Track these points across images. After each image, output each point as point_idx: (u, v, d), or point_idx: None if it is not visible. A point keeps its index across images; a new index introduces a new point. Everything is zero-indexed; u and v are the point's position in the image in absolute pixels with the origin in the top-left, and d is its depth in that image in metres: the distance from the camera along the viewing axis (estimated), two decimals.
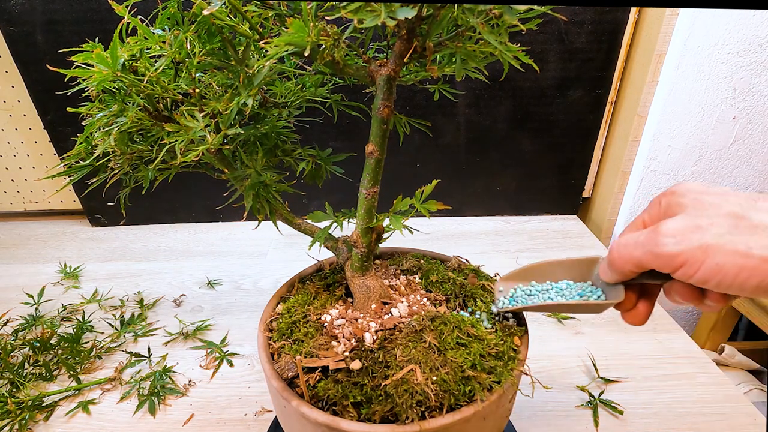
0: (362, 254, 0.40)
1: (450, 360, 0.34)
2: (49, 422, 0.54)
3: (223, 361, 0.63)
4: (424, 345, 0.35)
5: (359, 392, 0.33)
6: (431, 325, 0.38)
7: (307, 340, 0.38)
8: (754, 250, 0.24)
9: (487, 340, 0.37)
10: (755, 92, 0.82)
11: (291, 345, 0.38)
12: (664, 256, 0.26)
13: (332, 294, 0.44)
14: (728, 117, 0.85)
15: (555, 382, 0.59)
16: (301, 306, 0.42)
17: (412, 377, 0.33)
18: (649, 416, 0.54)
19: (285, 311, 0.42)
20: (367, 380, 0.33)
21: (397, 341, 0.36)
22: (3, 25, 0.78)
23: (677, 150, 0.88)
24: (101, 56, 0.28)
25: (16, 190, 1.02)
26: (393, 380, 0.33)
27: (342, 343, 0.37)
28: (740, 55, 0.79)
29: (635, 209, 0.94)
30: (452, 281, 0.44)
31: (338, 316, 0.41)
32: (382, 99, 0.33)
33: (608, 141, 0.95)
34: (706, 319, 0.98)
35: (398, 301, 0.42)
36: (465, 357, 0.35)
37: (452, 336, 0.36)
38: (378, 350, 0.36)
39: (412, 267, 0.47)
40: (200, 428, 0.53)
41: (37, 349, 0.62)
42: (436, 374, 0.33)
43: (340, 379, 0.34)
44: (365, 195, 0.37)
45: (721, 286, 0.26)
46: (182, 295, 0.77)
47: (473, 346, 0.36)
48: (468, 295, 0.43)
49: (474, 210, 1.02)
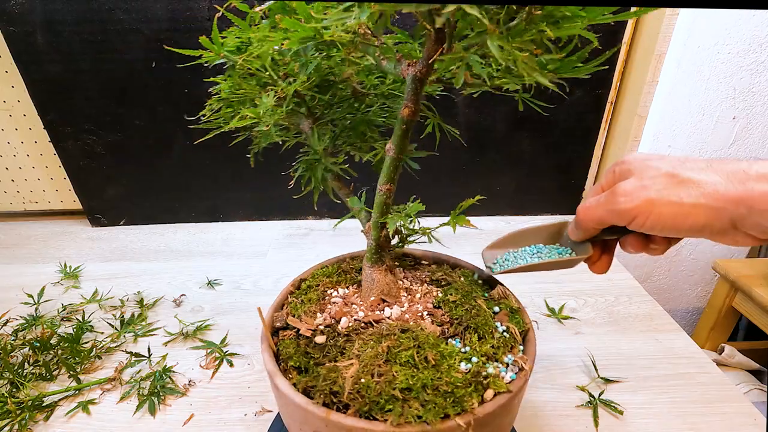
0: (371, 246, 0.41)
1: (391, 373, 0.33)
2: (49, 422, 0.54)
3: (223, 361, 0.63)
4: (378, 349, 0.35)
5: (305, 361, 0.37)
6: (398, 335, 0.37)
7: (306, 304, 0.43)
8: (684, 199, 0.31)
9: (447, 375, 0.34)
10: (755, 92, 0.82)
11: (297, 303, 0.43)
12: (621, 211, 0.33)
13: (355, 277, 0.46)
14: (728, 117, 0.85)
15: (555, 382, 0.59)
16: (324, 276, 0.46)
17: (346, 370, 0.34)
18: (649, 416, 0.54)
19: (312, 276, 0.47)
20: (318, 355, 0.37)
21: (361, 335, 0.38)
22: (3, 25, 0.78)
23: (677, 150, 0.88)
24: (207, 41, 0.34)
25: (16, 190, 1.02)
26: (331, 365, 0.35)
27: (323, 317, 0.41)
28: (740, 55, 0.79)
29: None
30: (470, 308, 0.41)
31: (342, 296, 0.44)
32: (406, 99, 0.33)
33: (608, 141, 0.95)
34: (706, 319, 0.98)
35: (399, 303, 0.42)
36: (407, 378, 0.33)
37: (407, 353, 0.35)
38: (344, 336, 0.38)
39: (444, 279, 0.45)
40: (200, 428, 0.53)
41: (37, 349, 0.62)
42: (367, 379, 0.33)
43: (301, 344, 0.38)
44: (379, 190, 0.38)
45: (665, 231, 0.33)
46: (182, 295, 0.77)
47: (423, 373, 0.34)
48: (473, 327, 0.39)
49: (474, 210, 1.02)
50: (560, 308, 0.72)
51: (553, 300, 0.74)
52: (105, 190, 0.97)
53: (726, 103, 0.83)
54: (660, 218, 0.32)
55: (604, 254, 0.41)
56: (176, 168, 0.95)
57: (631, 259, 0.99)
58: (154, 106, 0.87)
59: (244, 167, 0.95)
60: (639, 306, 0.74)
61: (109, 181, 0.96)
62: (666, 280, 1.03)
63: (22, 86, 0.86)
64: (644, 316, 0.71)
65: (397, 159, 0.36)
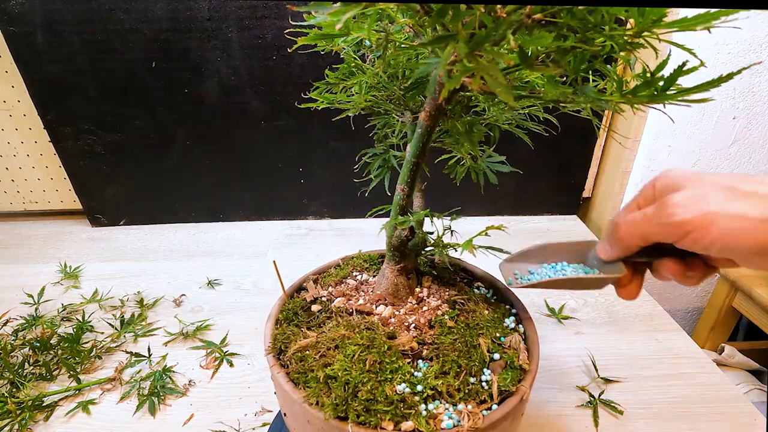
0: (387, 244, 0.42)
1: (334, 357, 0.36)
2: (49, 422, 0.54)
3: (223, 361, 0.63)
4: (339, 334, 0.38)
5: (290, 316, 0.42)
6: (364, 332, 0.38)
7: (335, 277, 0.47)
8: (749, 213, 0.27)
9: (371, 383, 0.33)
10: (755, 92, 0.82)
11: (329, 275, 0.48)
12: (674, 225, 0.29)
13: (376, 268, 0.49)
14: (728, 117, 0.85)
15: (555, 382, 0.59)
16: (363, 260, 0.50)
17: (303, 338, 0.38)
18: (649, 416, 0.54)
19: (359, 257, 0.51)
20: (302, 319, 0.42)
21: (340, 318, 0.41)
22: (3, 25, 0.78)
23: (677, 150, 0.88)
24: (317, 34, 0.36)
25: (16, 190, 1.02)
26: (298, 330, 0.40)
27: (328, 292, 0.45)
28: (740, 55, 0.79)
29: None
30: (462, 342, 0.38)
31: (360, 280, 0.47)
32: (426, 103, 0.33)
33: (608, 141, 0.95)
34: (706, 319, 0.98)
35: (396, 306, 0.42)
36: (339, 366, 0.35)
37: (355, 348, 0.36)
38: (329, 313, 0.42)
39: (463, 301, 0.43)
40: (200, 428, 0.53)
41: (37, 349, 0.62)
42: (310, 351, 0.37)
43: (300, 306, 0.44)
44: (397, 190, 0.39)
45: (724, 250, 0.28)
46: (182, 295, 0.77)
47: (354, 371, 0.34)
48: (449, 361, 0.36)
49: (474, 210, 1.02)
50: (560, 308, 0.72)
51: (553, 300, 0.74)
52: (105, 190, 0.97)
53: (726, 103, 0.83)
54: (720, 234, 0.28)
55: (635, 278, 0.36)
56: (176, 168, 0.95)
57: None
58: (154, 106, 0.87)
59: (245, 167, 0.95)
60: (639, 306, 0.74)
61: (109, 181, 0.96)
62: None
63: (22, 86, 0.86)
64: (644, 316, 0.71)
65: (412, 162, 0.36)
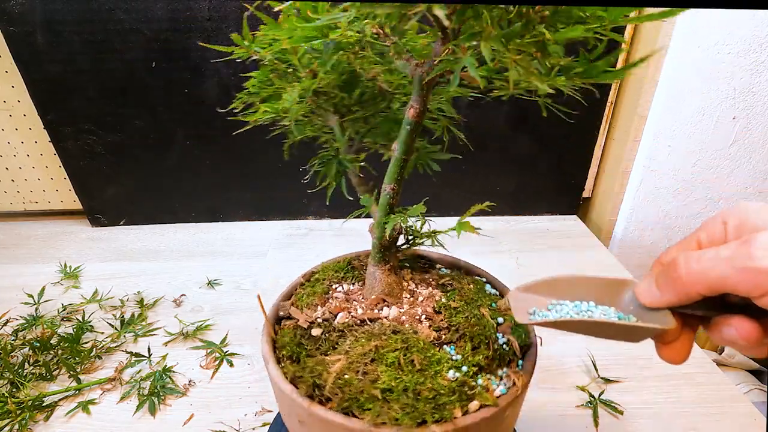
0: (376, 245, 0.41)
1: (375, 372, 0.33)
2: (49, 422, 0.54)
3: (223, 361, 0.63)
4: (367, 348, 0.35)
5: (297, 351, 0.37)
6: (388, 335, 0.36)
7: (313, 296, 0.43)
8: None
9: (431, 382, 0.33)
10: (755, 92, 0.82)
11: (302, 295, 0.43)
12: (761, 271, 0.23)
13: (363, 274, 0.46)
14: (728, 117, 0.85)
15: (555, 382, 0.59)
16: (332, 271, 0.46)
17: (333, 365, 0.34)
18: (649, 416, 0.54)
19: (322, 270, 0.47)
20: (310, 347, 0.37)
21: (354, 332, 0.38)
22: (3, 25, 0.78)
23: (677, 150, 0.88)
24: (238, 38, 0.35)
25: (16, 190, 1.02)
26: (320, 358, 0.35)
27: (322, 311, 0.41)
28: (740, 55, 0.79)
29: (635, 209, 0.94)
30: (470, 316, 0.39)
31: (345, 291, 0.44)
32: (412, 99, 0.33)
33: (608, 141, 0.95)
34: None
35: (398, 304, 0.42)
36: (389, 379, 0.33)
37: (394, 355, 0.34)
38: (338, 331, 0.38)
39: (449, 284, 0.44)
40: (200, 428, 0.53)
41: (37, 349, 0.62)
42: (351, 375, 0.33)
43: (297, 335, 0.39)
44: (383, 191, 0.38)
45: None
46: (182, 295, 0.77)
47: (406, 376, 0.33)
48: (468, 336, 0.38)
49: None
50: None
51: None
52: (105, 190, 0.97)
53: (726, 103, 0.83)
54: None
55: (685, 334, 0.29)
56: (176, 168, 0.95)
57: (631, 259, 0.99)
58: (154, 106, 0.87)
59: (245, 167, 0.95)
60: None
61: (109, 181, 0.96)
62: None
63: (22, 86, 0.86)
64: None
65: (401, 159, 0.36)
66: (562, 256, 0.87)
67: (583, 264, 0.84)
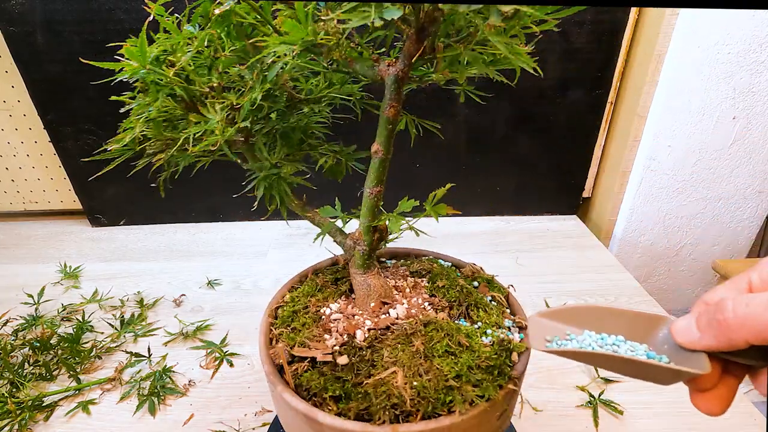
0: (364, 252, 0.40)
1: (435, 367, 0.34)
2: (49, 422, 0.54)
3: (223, 361, 0.63)
4: (412, 349, 0.35)
5: (340, 387, 0.33)
6: (423, 330, 0.37)
7: (303, 330, 0.39)
8: None
9: (480, 352, 0.35)
10: (755, 92, 0.82)
11: (289, 333, 0.39)
12: None
13: (338, 288, 0.44)
14: (728, 117, 0.85)
15: (555, 382, 0.59)
16: (305, 296, 0.43)
17: (393, 379, 0.32)
18: (649, 416, 0.54)
19: (291, 300, 0.43)
20: (350, 376, 0.34)
21: (386, 342, 0.36)
22: (3, 25, 0.78)
23: (677, 150, 0.88)
24: (131, 51, 0.30)
25: (16, 190, 1.02)
26: (374, 380, 0.33)
27: (334, 337, 0.38)
28: (740, 55, 0.79)
29: (635, 209, 0.94)
30: (460, 288, 0.42)
31: (337, 310, 0.41)
32: (389, 99, 0.33)
33: (608, 141, 0.95)
34: None
35: (399, 302, 0.42)
36: (451, 366, 0.34)
37: (442, 343, 0.35)
38: (367, 348, 0.36)
39: (422, 269, 0.46)
40: (200, 428, 0.53)
41: (37, 349, 0.62)
42: (418, 380, 0.33)
43: (325, 371, 0.35)
44: (369, 194, 0.37)
45: None
46: (182, 295, 0.77)
47: (462, 356, 0.34)
48: (472, 304, 0.41)
49: (474, 210, 1.02)
50: None
51: (553, 300, 0.74)
52: (105, 190, 0.97)
53: (726, 103, 0.83)
54: None
55: (725, 382, 0.26)
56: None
57: (630, 258, 0.99)
58: None
59: None
60: (639, 306, 0.73)
61: (109, 181, 0.96)
62: (666, 280, 1.03)
63: (22, 86, 0.86)
64: None
65: (386, 160, 0.36)
66: (562, 256, 0.87)
67: (583, 264, 0.84)
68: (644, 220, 0.95)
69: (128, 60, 0.30)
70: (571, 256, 0.87)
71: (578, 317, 0.31)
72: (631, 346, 0.29)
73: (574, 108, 0.89)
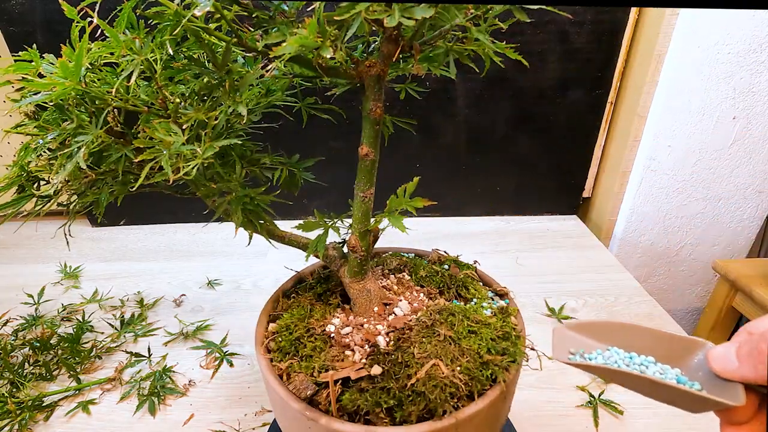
0: (361, 258, 0.39)
1: (466, 348, 0.35)
2: (49, 422, 0.54)
3: (223, 361, 0.63)
4: (439, 338, 0.35)
5: (388, 396, 0.32)
6: (440, 317, 0.38)
7: (316, 354, 0.36)
8: None
9: (492, 324, 0.38)
10: (755, 92, 0.82)
11: (299, 363, 0.36)
12: None
13: (327, 303, 0.42)
14: (728, 117, 0.85)
15: (555, 382, 0.59)
16: (300, 320, 0.39)
17: (437, 371, 0.32)
18: (649, 416, 0.54)
19: (282, 328, 0.39)
20: (392, 383, 0.33)
21: (411, 339, 0.36)
22: (3, 25, 0.78)
23: (677, 150, 0.88)
24: (65, 66, 0.25)
25: None
26: (419, 378, 0.32)
27: (356, 351, 0.36)
28: (740, 55, 0.79)
29: (635, 209, 0.94)
30: (440, 274, 0.45)
31: (342, 324, 0.40)
32: (373, 100, 0.33)
33: (608, 141, 0.95)
34: (706, 319, 0.98)
35: (397, 300, 0.42)
36: (479, 343, 0.36)
37: (463, 325, 0.37)
38: (395, 351, 0.35)
39: (399, 265, 0.47)
40: (200, 428, 0.53)
41: (37, 349, 0.62)
42: (458, 364, 0.34)
43: (364, 387, 0.33)
44: (362, 198, 0.36)
45: None
46: (182, 295, 0.77)
47: (483, 332, 0.37)
48: (460, 284, 0.44)
49: (474, 210, 1.02)
50: (560, 308, 0.72)
51: (553, 300, 0.74)
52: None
53: (726, 103, 0.83)
54: None
55: (760, 417, 0.25)
56: None
57: (630, 258, 0.99)
58: None
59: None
60: (639, 306, 0.73)
61: None
62: (666, 280, 1.03)
63: None
64: (644, 316, 0.71)
65: (376, 161, 0.35)
66: (562, 256, 0.87)
67: (583, 264, 0.84)
68: (644, 220, 0.95)
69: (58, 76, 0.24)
70: (571, 256, 0.87)
71: (607, 333, 0.30)
72: (661, 369, 0.28)
73: (574, 108, 0.89)
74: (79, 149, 0.27)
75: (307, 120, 0.43)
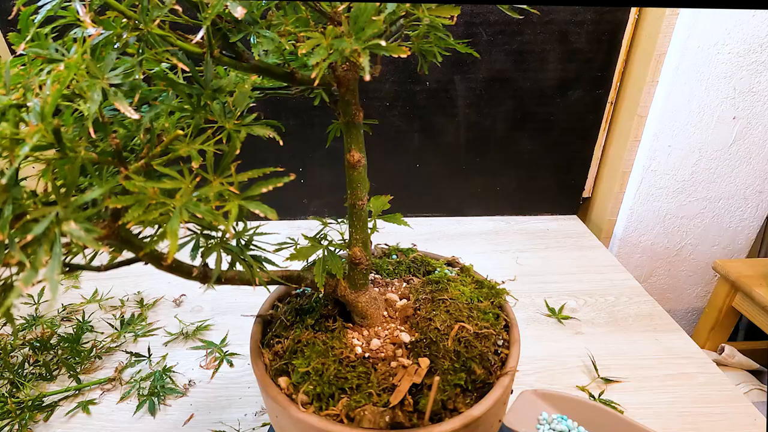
0: (366, 268, 0.37)
1: (466, 304, 0.40)
2: (49, 422, 0.54)
3: (223, 361, 0.63)
4: (446, 304, 0.39)
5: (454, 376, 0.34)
6: (432, 288, 0.41)
7: (365, 384, 0.33)
8: None
9: (464, 279, 0.43)
10: (755, 92, 0.82)
11: (356, 401, 0.32)
12: None
13: (330, 331, 0.38)
14: (728, 117, 0.85)
15: (555, 382, 0.59)
16: (329, 359, 0.35)
17: (466, 333, 0.36)
18: (649, 416, 0.54)
19: (304, 376, 0.34)
20: (441, 363, 0.35)
21: (426, 318, 0.38)
22: (3, 25, 0.78)
23: (677, 150, 0.88)
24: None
25: None
26: (453, 344, 0.36)
27: (396, 357, 0.35)
28: (740, 55, 0.79)
29: (635, 209, 0.94)
30: (402, 263, 0.48)
31: (363, 344, 0.37)
32: (353, 104, 0.32)
33: (608, 141, 0.95)
34: (706, 319, 0.98)
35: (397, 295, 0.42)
36: (470, 296, 0.40)
37: (451, 287, 0.42)
38: (421, 339, 0.37)
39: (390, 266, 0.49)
40: (200, 428, 0.53)
41: (37, 349, 0.62)
42: (474, 322, 0.38)
43: (446, 381, 0.34)
44: (360, 205, 0.35)
45: None
46: (182, 295, 0.77)
47: (465, 290, 0.42)
48: (421, 264, 0.48)
49: (474, 210, 1.02)
50: (560, 308, 0.72)
51: (553, 300, 0.74)
52: None
53: (726, 103, 0.83)
54: None
55: None
56: None
57: (630, 258, 0.99)
58: None
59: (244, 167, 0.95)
60: (639, 306, 0.73)
61: None
62: (666, 280, 1.03)
63: None
64: (644, 316, 0.71)
65: (366, 165, 0.35)
66: (562, 256, 0.87)
67: (583, 264, 0.84)
68: (644, 220, 0.95)
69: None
70: (571, 256, 0.87)
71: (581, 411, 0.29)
72: None
73: (574, 108, 0.90)
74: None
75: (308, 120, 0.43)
